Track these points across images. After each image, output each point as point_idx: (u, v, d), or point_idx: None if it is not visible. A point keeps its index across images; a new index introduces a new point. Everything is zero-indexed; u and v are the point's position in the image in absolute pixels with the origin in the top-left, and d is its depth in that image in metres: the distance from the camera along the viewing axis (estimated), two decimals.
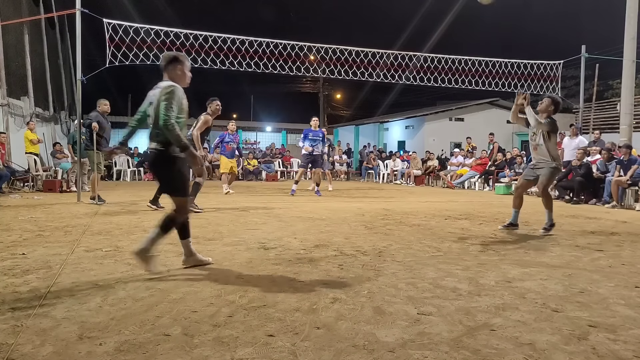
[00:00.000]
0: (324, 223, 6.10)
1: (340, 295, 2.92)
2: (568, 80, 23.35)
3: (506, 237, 5.33)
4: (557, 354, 2.12)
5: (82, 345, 2.13)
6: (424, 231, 5.58)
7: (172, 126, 3.24)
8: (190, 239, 3.59)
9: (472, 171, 14.62)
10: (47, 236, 4.84)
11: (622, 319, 2.60)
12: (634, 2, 12.03)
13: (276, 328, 2.36)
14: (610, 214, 7.91)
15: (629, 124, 12.21)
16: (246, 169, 17.77)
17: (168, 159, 3.35)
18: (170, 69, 3.49)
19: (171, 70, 3.49)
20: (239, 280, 3.24)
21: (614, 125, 16.22)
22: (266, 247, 4.41)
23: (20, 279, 3.21)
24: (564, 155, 11.16)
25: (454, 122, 23.46)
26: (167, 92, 3.29)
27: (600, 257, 4.29)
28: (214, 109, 7.65)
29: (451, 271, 3.60)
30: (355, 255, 4.12)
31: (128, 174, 16.18)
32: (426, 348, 2.15)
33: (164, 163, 3.38)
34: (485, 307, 2.75)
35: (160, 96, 3.30)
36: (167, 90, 3.31)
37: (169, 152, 3.33)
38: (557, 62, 12.99)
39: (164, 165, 3.39)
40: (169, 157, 3.35)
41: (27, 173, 11.13)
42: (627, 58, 12.21)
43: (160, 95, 3.31)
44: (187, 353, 2.06)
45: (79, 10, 8.51)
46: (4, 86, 11.41)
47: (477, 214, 7.41)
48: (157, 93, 3.36)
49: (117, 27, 9.39)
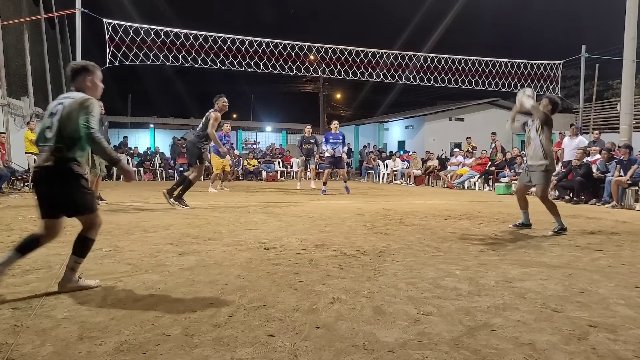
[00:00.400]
0: (324, 223, 6.10)
1: (340, 295, 2.92)
2: (568, 80, 23.36)
3: (506, 237, 5.33)
4: (557, 354, 2.12)
5: (82, 345, 2.13)
6: (424, 231, 5.58)
7: (98, 139, 2.90)
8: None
9: (472, 171, 14.62)
10: None
11: (622, 319, 2.60)
12: (634, 2, 12.03)
13: (276, 328, 2.36)
14: (610, 214, 7.91)
15: (629, 124, 12.21)
16: (246, 169, 17.77)
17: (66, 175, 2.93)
18: (79, 80, 3.10)
19: (80, 81, 3.10)
20: (239, 280, 3.24)
21: (614, 125, 16.23)
22: (266, 247, 4.41)
23: (20, 279, 3.21)
24: (564, 155, 11.16)
25: (454, 122, 23.45)
26: (86, 103, 2.93)
27: (600, 257, 4.29)
28: (221, 106, 7.68)
29: (451, 271, 3.60)
30: (355, 255, 4.11)
31: None
32: (426, 348, 2.15)
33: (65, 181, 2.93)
34: (485, 307, 2.75)
35: (76, 107, 2.92)
36: (85, 101, 2.94)
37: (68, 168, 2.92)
38: (557, 62, 13.00)
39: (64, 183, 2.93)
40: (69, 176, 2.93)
41: (27, 173, 11.12)
42: (627, 58, 12.22)
43: (74, 105, 2.93)
44: (187, 353, 2.06)
45: (79, 10, 8.53)
46: (4, 86, 11.41)
47: (477, 214, 7.41)
48: (67, 104, 2.95)
49: (117, 27, 9.40)
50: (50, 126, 2.96)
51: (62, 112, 2.95)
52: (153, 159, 17.49)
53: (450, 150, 20.37)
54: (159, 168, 17.09)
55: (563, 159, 11.20)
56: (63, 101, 3.01)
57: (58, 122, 2.93)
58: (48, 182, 2.94)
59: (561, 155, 11.44)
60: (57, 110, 2.98)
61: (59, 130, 2.92)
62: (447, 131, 22.85)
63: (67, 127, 2.91)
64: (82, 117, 2.89)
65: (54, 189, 2.95)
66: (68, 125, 2.91)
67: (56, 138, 2.92)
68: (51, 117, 2.98)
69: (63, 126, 2.92)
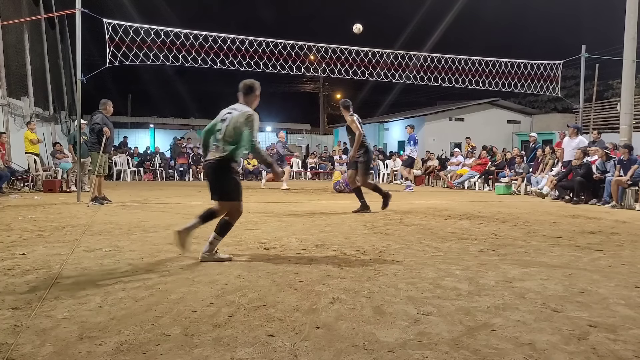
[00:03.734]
0: (324, 223, 6.10)
1: (340, 295, 2.92)
2: (568, 80, 23.34)
3: (506, 237, 5.33)
4: (557, 354, 2.12)
5: (82, 345, 2.13)
6: (424, 231, 5.58)
7: (259, 148, 3.82)
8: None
9: (472, 171, 14.61)
10: (47, 236, 4.84)
11: (622, 319, 2.60)
12: (634, 2, 12.03)
13: (276, 328, 2.36)
14: (610, 214, 7.91)
15: (629, 124, 12.21)
16: (246, 169, 17.78)
17: (224, 170, 3.80)
18: (249, 95, 3.98)
19: (249, 96, 3.98)
20: (239, 280, 3.24)
21: (614, 125, 16.23)
22: (266, 247, 4.41)
23: (20, 279, 3.21)
24: (564, 155, 11.15)
25: (454, 122, 23.44)
26: (250, 119, 3.76)
27: (600, 257, 4.29)
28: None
29: (451, 271, 3.60)
30: (355, 255, 4.12)
31: (128, 174, 16.18)
32: (426, 348, 2.15)
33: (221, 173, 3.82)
34: (485, 307, 2.75)
35: (242, 120, 3.76)
36: (250, 117, 3.77)
37: (228, 164, 3.80)
38: (557, 62, 12.98)
39: (220, 175, 3.82)
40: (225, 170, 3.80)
41: (27, 173, 11.12)
42: (627, 58, 12.21)
43: (240, 118, 3.77)
44: (187, 353, 2.06)
45: (79, 10, 8.51)
46: (4, 86, 11.40)
47: (477, 214, 7.41)
48: (236, 116, 3.80)
49: (117, 27, 9.39)
50: (220, 129, 3.84)
51: (231, 120, 3.78)
52: (153, 159, 17.48)
53: (450, 151, 20.36)
54: (159, 168, 17.09)
55: (563, 159, 11.19)
56: (232, 111, 3.84)
57: (226, 128, 3.78)
58: (211, 171, 3.83)
59: (561, 155, 11.43)
60: (227, 117, 3.83)
61: (226, 135, 3.77)
62: (447, 131, 22.83)
63: (232, 133, 3.75)
64: (247, 130, 3.74)
65: (213, 177, 3.85)
66: (233, 132, 3.75)
67: (224, 140, 3.78)
68: (222, 123, 3.84)
69: (229, 133, 3.76)
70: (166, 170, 17.35)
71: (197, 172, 17.00)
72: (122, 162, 16.41)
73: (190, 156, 17.34)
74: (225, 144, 3.77)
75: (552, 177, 11.11)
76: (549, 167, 12.05)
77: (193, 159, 17.29)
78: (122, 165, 16.36)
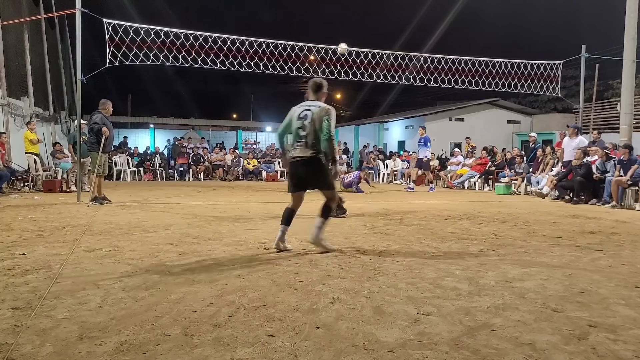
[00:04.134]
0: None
1: (340, 295, 2.92)
2: (568, 80, 23.34)
3: (506, 237, 5.33)
4: (557, 354, 2.11)
5: (82, 345, 2.13)
6: (424, 231, 5.58)
7: (333, 139, 4.11)
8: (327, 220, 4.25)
9: (472, 171, 14.62)
10: (47, 236, 4.84)
11: (622, 319, 2.60)
12: (634, 2, 12.02)
13: (276, 328, 2.36)
14: (610, 214, 7.91)
15: (629, 124, 12.20)
16: (246, 169, 17.77)
17: (320, 163, 4.18)
18: (319, 92, 4.31)
19: (320, 93, 4.32)
20: (239, 280, 3.24)
21: (614, 125, 16.22)
22: (266, 247, 4.41)
23: (20, 279, 3.21)
24: (564, 155, 11.15)
25: (454, 122, 23.45)
26: (329, 112, 4.10)
27: (600, 257, 4.29)
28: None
29: (451, 271, 3.60)
30: (355, 255, 4.12)
31: (128, 174, 16.18)
32: (426, 348, 2.15)
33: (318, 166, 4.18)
34: (485, 307, 2.75)
35: (322, 114, 4.08)
36: (329, 110, 4.12)
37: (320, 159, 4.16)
38: (557, 62, 12.98)
39: (317, 168, 4.19)
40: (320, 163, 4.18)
41: (27, 173, 11.12)
42: (627, 58, 12.21)
43: (321, 113, 4.09)
44: (187, 353, 2.06)
45: (79, 10, 8.51)
46: (4, 86, 11.40)
47: (477, 214, 7.41)
48: (316, 111, 4.11)
49: (117, 27, 9.39)
50: (301, 127, 4.13)
51: (312, 117, 4.08)
52: (153, 159, 17.48)
53: (450, 151, 20.37)
54: (159, 168, 17.09)
55: (563, 159, 11.19)
56: (310, 108, 4.15)
57: (310, 124, 4.08)
58: (306, 168, 4.17)
59: (561, 155, 11.43)
60: (306, 115, 4.12)
61: (312, 130, 4.08)
62: (447, 131, 22.84)
63: (316, 129, 4.07)
64: (325, 122, 4.04)
65: (310, 172, 4.19)
66: (316, 127, 4.07)
67: (312, 136, 4.09)
68: (301, 120, 4.14)
69: (313, 128, 4.07)
70: (166, 170, 17.35)
71: (197, 172, 17.00)
72: (122, 162, 16.41)
73: (190, 156, 17.34)
74: (313, 139, 4.09)
75: (552, 177, 11.11)
76: (549, 167, 12.06)
77: (193, 159, 17.28)
78: (122, 165, 16.35)
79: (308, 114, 4.12)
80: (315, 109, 4.12)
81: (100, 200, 7.96)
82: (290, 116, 4.28)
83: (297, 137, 4.17)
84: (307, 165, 4.15)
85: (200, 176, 17.06)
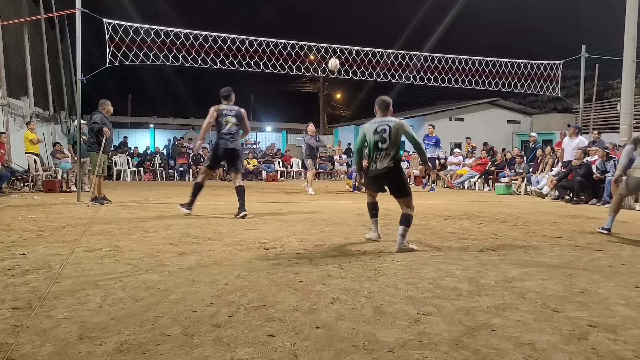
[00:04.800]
0: (324, 223, 6.10)
1: (340, 295, 2.92)
2: (568, 80, 23.34)
3: (506, 237, 5.33)
4: (557, 354, 2.11)
5: (82, 345, 2.13)
6: (424, 231, 5.58)
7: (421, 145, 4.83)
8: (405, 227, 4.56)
9: (472, 171, 14.61)
10: (47, 236, 4.84)
11: (622, 319, 2.60)
12: (634, 2, 12.02)
13: (276, 328, 2.36)
14: None
15: (629, 124, 12.19)
16: (246, 169, 17.77)
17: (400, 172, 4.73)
18: (388, 109, 4.82)
19: (388, 110, 4.82)
20: (239, 280, 3.24)
21: (614, 125, 16.22)
22: (266, 247, 4.41)
23: (20, 279, 3.21)
24: (564, 155, 11.14)
25: (454, 122, 23.43)
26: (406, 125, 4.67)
27: (600, 257, 4.29)
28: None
29: (451, 271, 3.60)
30: (355, 255, 4.12)
31: (128, 174, 16.18)
32: (426, 348, 2.15)
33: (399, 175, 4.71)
34: (485, 307, 2.75)
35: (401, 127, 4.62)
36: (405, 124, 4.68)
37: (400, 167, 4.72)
38: (557, 62, 12.98)
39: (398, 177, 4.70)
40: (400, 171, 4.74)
41: (27, 173, 11.12)
42: (627, 58, 12.20)
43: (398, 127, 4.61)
44: (187, 353, 2.06)
45: (79, 10, 8.51)
46: (4, 86, 11.40)
47: (477, 214, 7.41)
48: (395, 125, 4.61)
49: (117, 27, 9.39)
50: (379, 140, 4.61)
51: (392, 131, 4.59)
52: (153, 159, 17.48)
53: (450, 150, 20.36)
54: (159, 168, 17.09)
55: (563, 159, 11.19)
56: (388, 124, 4.64)
57: (389, 137, 4.58)
58: (389, 176, 4.65)
59: (561, 155, 11.42)
60: (385, 129, 4.61)
61: (391, 143, 4.58)
62: (447, 131, 22.81)
63: (396, 140, 4.59)
64: (410, 133, 4.64)
65: (392, 180, 4.68)
66: (395, 139, 4.59)
67: (392, 148, 4.59)
68: (379, 134, 4.61)
69: (394, 141, 4.59)
70: (166, 170, 17.35)
71: (197, 172, 16.99)
72: (122, 162, 16.41)
73: (190, 156, 17.34)
74: (393, 149, 4.59)
75: (552, 177, 11.11)
76: (549, 167, 12.06)
77: (193, 159, 17.28)
78: (122, 165, 16.35)
79: (387, 129, 4.62)
80: (393, 124, 4.64)
81: (100, 200, 7.96)
82: (363, 132, 4.81)
83: (378, 149, 4.65)
84: (392, 173, 4.65)
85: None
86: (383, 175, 4.63)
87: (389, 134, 4.58)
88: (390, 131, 4.59)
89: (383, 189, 4.84)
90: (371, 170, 4.71)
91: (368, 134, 4.72)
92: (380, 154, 4.61)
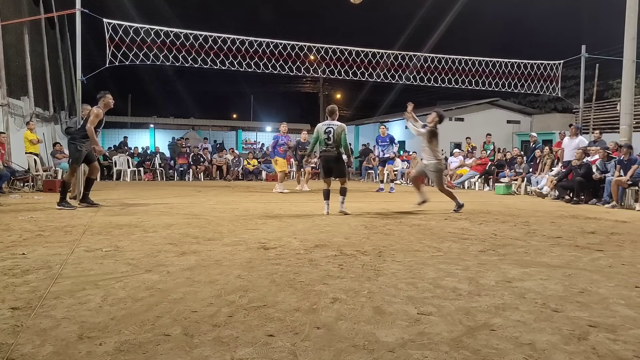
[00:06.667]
0: (324, 223, 6.10)
1: (340, 295, 2.92)
2: (568, 80, 23.34)
3: (506, 237, 5.33)
4: (557, 354, 2.11)
5: (82, 345, 2.13)
6: (424, 231, 5.58)
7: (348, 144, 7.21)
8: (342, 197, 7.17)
9: (472, 171, 14.62)
10: (47, 236, 4.84)
11: (622, 319, 2.60)
12: (634, 2, 12.02)
13: (276, 328, 2.36)
14: (610, 214, 7.91)
15: (629, 124, 12.20)
16: (246, 169, 17.78)
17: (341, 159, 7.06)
18: (334, 115, 7.17)
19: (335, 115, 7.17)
20: (239, 280, 3.24)
21: (614, 125, 16.21)
22: (266, 247, 4.41)
23: (20, 279, 3.21)
24: (564, 155, 11.14)
25: (454, 122, 23.41)
26: (345, 129, 7.03)
27: (600, 257, 4.29)
28: (106, 103, 7.58)
29: (451, 271, 3.60)
30: (355, 255, 4.11)
31: (128, 174, 16.18)
32: (426, 348, 2.15)
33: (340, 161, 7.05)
34: (485, 307, 2.75)
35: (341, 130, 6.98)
36: (344, 127, 7.05)
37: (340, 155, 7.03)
38: (557, 62, 12.99)
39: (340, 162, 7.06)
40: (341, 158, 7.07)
41: (27, 173, 11.12)
42: (627, 58, 12.21)
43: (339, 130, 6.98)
44: (187, 353, 2.06)
45: (79, 10, 8.52)
46: (4, 86, 11.40)
47: (477, 214, 7.41)
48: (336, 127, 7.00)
49: (117, 27, 9.40)
50: (326, 138, 6.96)
51: (335, 132, 6.92)
52: (153, 159, 17.49)
53: (450, 151, 20.36)
54: (159, 168, 17.09)
55: (563, 159, 11.19)
56: (332, 125, 6.99)
57: (332, 136, 6.92)
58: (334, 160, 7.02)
59: (561, 155, 11.43)
60: (330, 130, 6.94)
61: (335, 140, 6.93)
62: (447, 131, 22.78)
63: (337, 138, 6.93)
64: (344, 134, 6.97)
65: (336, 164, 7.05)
66: (337, 137, 6.93)
67: (335, 143, 6.94)
68: (327, 134, 6.96)
69: (336, 137, 6.93)
70: (166, 170, 17.34)
71: (197, 172, 17.00)
72: (122, 162, 16.41)
73: (190, 156, 17.33)
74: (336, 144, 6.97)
75: (552, 177, 11.11)
76: (548, 167, 12.06)
77: (193, 158, 17.28)
78: (122, 165, 16.36)
79: (332, 129, 6.93)
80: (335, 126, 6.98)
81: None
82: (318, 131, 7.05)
83: (325, 144, 6.98)
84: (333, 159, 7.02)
85: (200, 176, 17.06)
86: (330, 159, 6.98)
87: (332, 134, 6.90)
88: (334, 132, 6.91)
89: (330, 172, 7.06)
90: (322, 155, 7.04)
91: (320, 131, 7.02)
92: (327, 147, 6.96)
